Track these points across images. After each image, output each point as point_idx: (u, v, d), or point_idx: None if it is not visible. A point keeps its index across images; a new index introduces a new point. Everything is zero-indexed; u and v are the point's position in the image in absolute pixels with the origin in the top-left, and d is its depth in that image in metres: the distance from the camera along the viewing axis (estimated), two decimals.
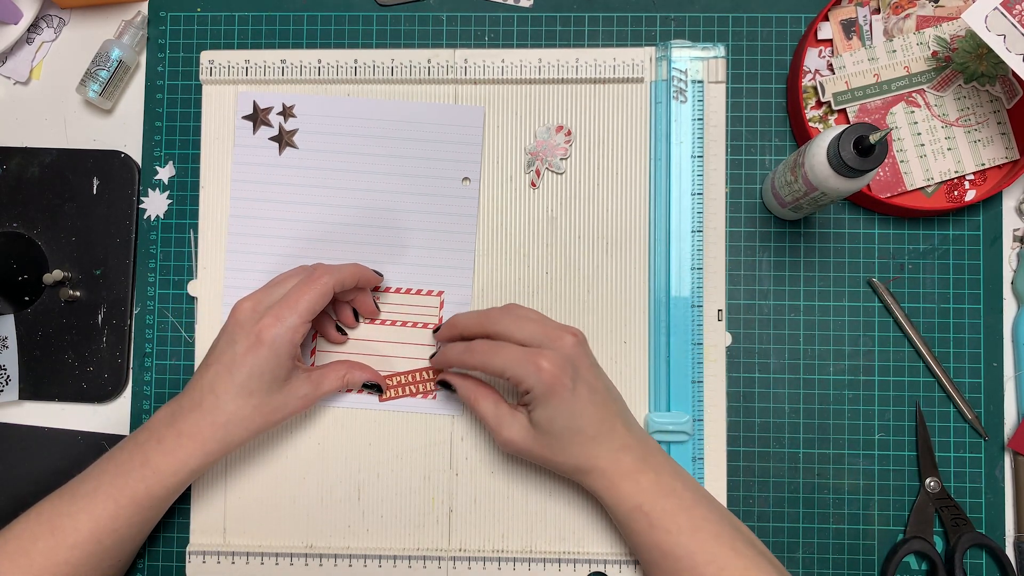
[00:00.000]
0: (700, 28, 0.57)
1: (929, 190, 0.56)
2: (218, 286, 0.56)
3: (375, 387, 0.54)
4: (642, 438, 0.50)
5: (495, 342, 0.49)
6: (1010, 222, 0.56)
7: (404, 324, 0.55)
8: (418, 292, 0.56)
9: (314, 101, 0.56)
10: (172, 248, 0.57)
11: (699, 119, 0.54)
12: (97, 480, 0.48)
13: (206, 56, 0.56)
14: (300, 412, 0.52)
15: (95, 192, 0.58)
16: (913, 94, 0.56)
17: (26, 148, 0.58)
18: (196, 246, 0.57)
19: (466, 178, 0.56)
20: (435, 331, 0.54)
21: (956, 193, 0.55)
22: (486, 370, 0.49)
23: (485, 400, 0.51)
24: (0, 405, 0.58)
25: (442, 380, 0.53)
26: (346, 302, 0.54)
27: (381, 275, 0.54)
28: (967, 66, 0.55)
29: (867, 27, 0.56)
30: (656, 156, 0.55)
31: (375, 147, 0.56)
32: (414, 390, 0.55)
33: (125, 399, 0.57)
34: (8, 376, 0.57)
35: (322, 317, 0.54)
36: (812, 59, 0.56)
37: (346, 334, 0.55)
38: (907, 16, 0.56)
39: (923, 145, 0.55)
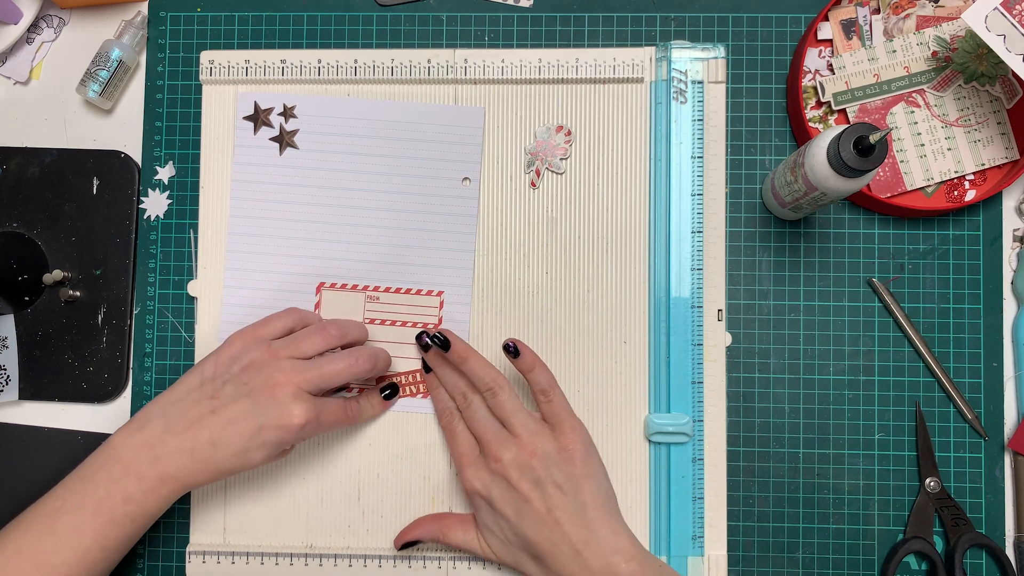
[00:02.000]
0: (700, 28, 0.57)
1: (929, 190, 0.56)
2: (218, 286, 0.56)
3: (392, 388, 0.55)
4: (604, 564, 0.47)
5: (459, 427, 0.52)
6: (1010, 222, 0.56)
7: (404, 324, 0.55)
8: (418, 292, 0.56)
9: (315, 102, 0.56)
10: (172, 248, 0.57)
11: (699, 119, 0.54)
12: (78, 516, 0.46)
13: (206, 56, 0.56)
14: None
15: (95, 192, 0.58)
16: (913, 94, 0.56)
17: (26, 148, 0.58)
18: (196, 246, 0.57)
19: (466, 178, 0.56)
20: (436, 341, 0.52)
21: (956, 193, 0.55)
22: (446, 434, 0.53)
23: (453, 531, 0.52)
24: (0, 405, 0.58)
25: (404, 543, 0.52)
26: None
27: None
28: (967, 66, 0.55)
29: (867, 27, 0.56)
30: (656, 156, 0.55)
31: (375, 147, 0.56)
32: (414, 390, 0.55)
33: (125, 399, 0.57)
34: (8, 376, 0.57)
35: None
36: (812, 59, 0.56)
37: None
38: (907, 16, 0.56)
39: (923, 145, 0.55)
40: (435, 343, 0.52)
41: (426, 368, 0.54)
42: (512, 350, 0.50)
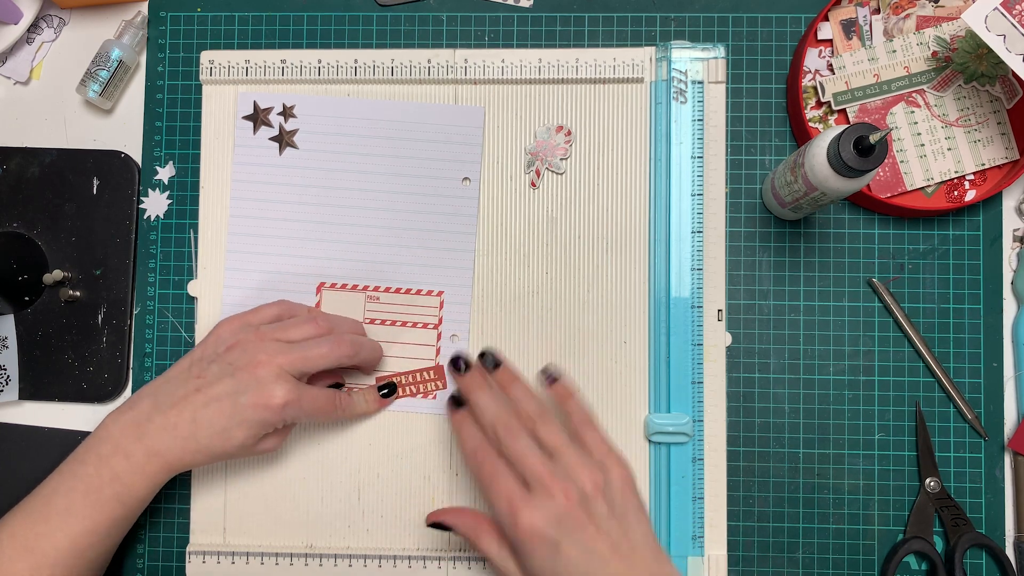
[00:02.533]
0: (700, 28, 0.57)
1: (929, 190, 0.56)
2: (218, 286, 0.56)
3: (389, 387, 0.55)
4: None
5: (501, 465, 0.46)
6: (1010, 222, 0.56)
7: (404, 324, 0.55)
8: (418, 292, 0.56)
9: (314, 101, 0.56)
10: (172, 248, 0.57)
11: (699, 119, 0.54)
12: (67, 498, 0.46)
13: (206, 56, 0.56)
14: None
15: (95, 192, 0.58)
16: (913, 94, 0.56)
17: (26, 148, 0.58)
18: (196, 246, 0.57)
19: (466, 178, 0.56)
20: (483, 359, 0.51)
21: (956, 193, 0.55)
22: (480, 485, 0.46)
23: (488, 541, 0.46)
24: (0, 405, 0.58)
25: (436, 522, 0.49)
26: None
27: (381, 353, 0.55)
28: (967, 66, 0.55)
29: (867, 27, 0.56)
30: (656, 157, 0.55)
31: (375, 147, 0.56)
32: (414, 390, 0.55)
33: (125, 399, 0.57)
34: (8, 376, 0.57)
35: None
36: (812, 59, 0.56)
37: None
38: (907, 16, 0.56)
39: (923, 145, 0.55)
40: (482, 361, 0.50)
41: (455, 403, 0.50)
42: (551, 376, 0.49)
